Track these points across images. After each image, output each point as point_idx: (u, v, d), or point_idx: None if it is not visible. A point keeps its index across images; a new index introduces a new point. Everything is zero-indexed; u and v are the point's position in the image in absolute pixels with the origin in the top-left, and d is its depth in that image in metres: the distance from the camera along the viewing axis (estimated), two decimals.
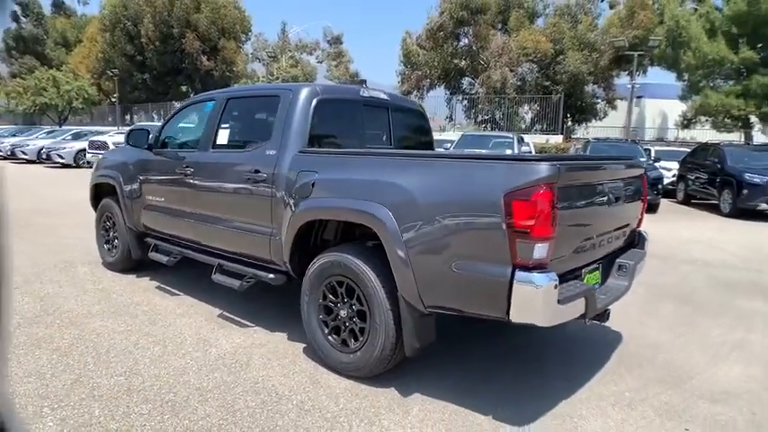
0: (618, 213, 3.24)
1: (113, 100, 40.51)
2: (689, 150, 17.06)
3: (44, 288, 4.74)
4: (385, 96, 4.25)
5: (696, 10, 25.82)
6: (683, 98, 26.16)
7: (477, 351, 3.65)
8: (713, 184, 11.81)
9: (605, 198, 3.00)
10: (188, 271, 5.07)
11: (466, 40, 26.72)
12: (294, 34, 32.79)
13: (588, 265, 3.00)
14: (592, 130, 27.21)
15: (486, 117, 27.84)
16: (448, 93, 28.28)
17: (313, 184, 3.24)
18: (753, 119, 24.04)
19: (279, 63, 30.70)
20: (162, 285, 4.90)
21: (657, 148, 17.21)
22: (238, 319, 4.09)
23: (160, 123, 5.08)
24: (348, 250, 3.12)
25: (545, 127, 25.78)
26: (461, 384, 3.11)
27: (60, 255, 5.97)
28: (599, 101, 26.86)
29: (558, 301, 2.46)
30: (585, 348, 3.78)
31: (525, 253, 2.41)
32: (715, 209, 11.67)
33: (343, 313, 3.16)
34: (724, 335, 4.11)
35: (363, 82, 4.29)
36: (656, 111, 38.50)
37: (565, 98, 23.85)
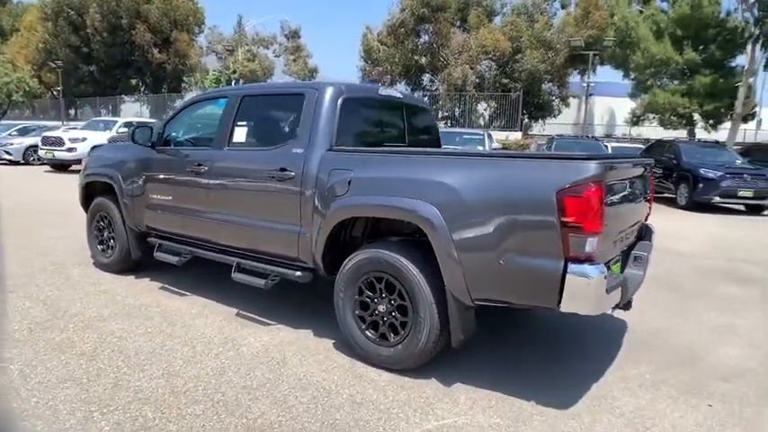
0: (637, 208, 3.46)
1: (56, 93, 38.49)
2: (640, 147, 18.00)
3: (42, 291, 4.55)
4: (399, 95, 4.33)
5: (642, 12, 27.15)
6: (632, 96, 27.49)
7: (499, 341, 3.80)
8: (669, 178, 12.54)
9: (630, 194, 3.20)
10: (188, 271, 4.98)
11: (426, 37, 27.02)
12: (251, 27, 32.19)
13: (615, 257, 3.20)
14: (548, 127, 28.15)
15: (447, 114, 28.31)
16: (409, 89, 28.51)
17: (349, 182, 3.28)
18: (696, 116, 25.57)
19: (235, 57, 30.01)
20: (166, 286, 4.79)
21: (613, 144, 18.04)
22: (258, 318, 4.07)
23: (163, 121, 4.93)
24: (388, 247, 3.20)
25: (503, 123, 26.49)
26: (496, 373, 3.25)
27: (46, 256, 5.71)
28: (554, 98, 27.80)
29: (606, 291, 2.64)
30: (598, 336, 4.01)
31: (577, 247, 2.56)
32: (672, 202, 12.39)
33: (381, 308, 3.23)
34: (715, 319, 4.45)
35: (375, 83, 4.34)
36: (605, 108, 40.16)
37: (523, 96, 24.57)
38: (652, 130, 28.58)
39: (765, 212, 12.02)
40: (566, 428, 2.67)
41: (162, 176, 4.56)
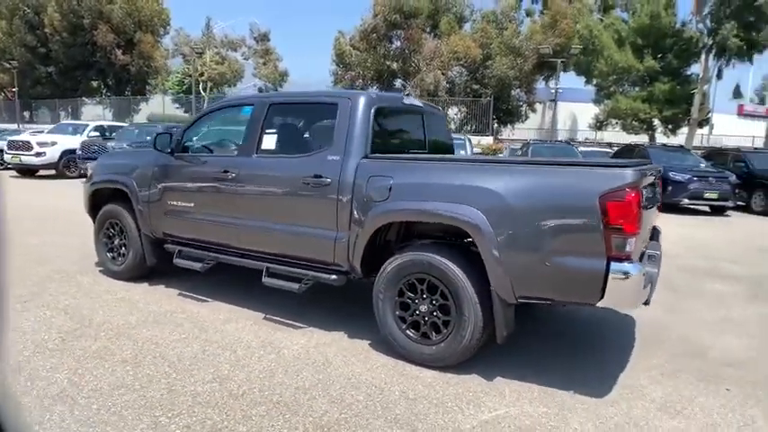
0: (653, 211, 3.74)
1: (11, 95, 36.93)
2: (609, 150, 18.78)
3: (58, 300, 4.49)
4: (420, 104, 4.50)
5: (602, 20, 28.29)
6: (596, 102, 28.54)
7: (522, 337, 4.01)
8: None
9: (651, 198, 3.47)
10: (202, 278, 5.00)
11: (398, 43, 27.35)
12: (219, 30, 31.75)
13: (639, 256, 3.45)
14: (517, 132, 28.93)
15: None
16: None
17: (390, 189, 3.43)
18: (656, 122, 26.80)
19: (203, 59, 29.56)
20: (184, 293, 4.80)
21: (582, 149, 18.73)
22: (288, 321, 4.15)
23: (183, 129, 4.94)
24: (431, 249, 3.35)
25: (474, 128, 27.05)
26: (530, 367, 3.44)
27: (47, 264, 5.61)
28: (522, 104, 28.59)
29: (642, 287, 2.87)
30: (610, 331, 4.28)
31: (618, 247, 2.79)
32: None
33: (423, 308, 3.38)
34: (711, 314, 4.79)
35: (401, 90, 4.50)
36: (567, 113, 41.52)
37: (493, 101, 25.18)
38: (614, 135, 29.78)
39: (728, 213, 12.78)
40: (607, 414, 2.89)
41: (183, 183, 4.58)
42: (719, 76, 25.82)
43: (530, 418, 2.82)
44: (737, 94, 40.69)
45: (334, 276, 3.81)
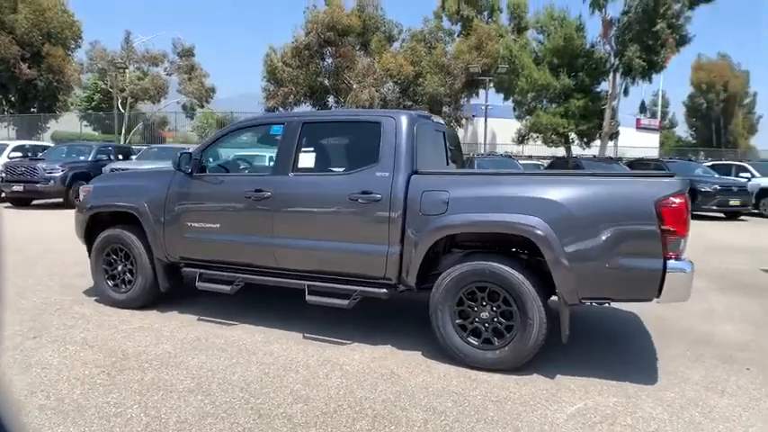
0: None
1: None
2: (541, 163, 20.10)
3: (73, 334, 4.18)
4: (443, 122, 4.73)
5: (516, 41, 30.32)
6: (518, 117, 30.38)
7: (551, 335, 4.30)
8: None
9: None
10: (210, 300, 4.91)
11: (330, 60, 27.57)
12: (140, 44, 30.19)
13: None
14: None
15: None
16: (315, 110, 28.81)
17: (447, 202, 3.59)
18: (572, 135, 28.99)
19: (124, 75, 27.96)
20: (204, 318, 4.63)
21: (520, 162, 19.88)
22: (329, 339, 4.15)
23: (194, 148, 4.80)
24: (492, 258, 3.55)
25: None
26: (575, 363, 3.71)
27: (31, 296, 5.18)
28: (452, 120, 29.77)
29: (692, 282, 3.25)
30: (622, 326, 4.68)
31: (673, 247, 3.15)
32: None
33: (484, 315, 3.56)
34: (697, 306, 5.33)
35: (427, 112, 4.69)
36: (488, 128, 43.67)
37: None
38: (534, 148, 31.83)
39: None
40: (669, 398, 3.21)
41: (205, 204, 4.46)
42: (626, 93, 28.51)
43: (608, 408, 3.08)
44: (643, 109, 44.96)
45: (384, 290, 3.89)
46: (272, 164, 4.48)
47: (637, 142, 38.70)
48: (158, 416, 2.91)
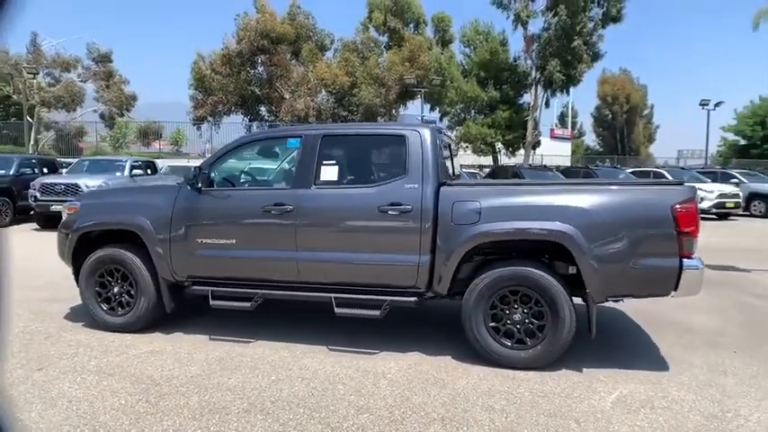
0: None
1: None
2: (478, 171, 20.97)
3: (82, 362, 3.91)
4: (448, 134, 4.93)
5: (442, 53, 31.48)
6: (449, 128, 31.40)
7: None
8: None
9: None
10: (210, 318, 4.83)
11: (263, 68, 27.09)
12: (50, 48, 27.90)
13: None
14: None
15: None
16: (246, 119, 28.13)
17: (479, 212, 3.79)
18: (499, 145, 30.46)
19: (32, 81, 25.68)
20: (215, 337, 4.48)
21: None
22: (356, 350, 4.18)
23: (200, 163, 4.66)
24: (524, 263, 3.78)
25: None
26: (592, 356, 4.02)
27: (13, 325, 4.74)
28: None
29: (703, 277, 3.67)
30: (612, 320, 5.10)
31: (688, 248, 3.54)
32: None
33: (516, 317, 3.78)
34: (671, 300, 5.90)
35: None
36: None
37: None
38: (464, 158, 33.07)
39: None
40: (686, 381, 3.59)
41: (219, 219, 4.35)
42: (547, 104, 30.44)
43: (642, 394, 3.40)
44: (563, 120, 47.98)
45: (414, 299, 4.01)
46: (271, 176, 4.44)
47: (552, 151, 41.26)
48: None
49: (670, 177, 17.17)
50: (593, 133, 58.80)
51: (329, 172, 4.20)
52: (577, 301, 3.81)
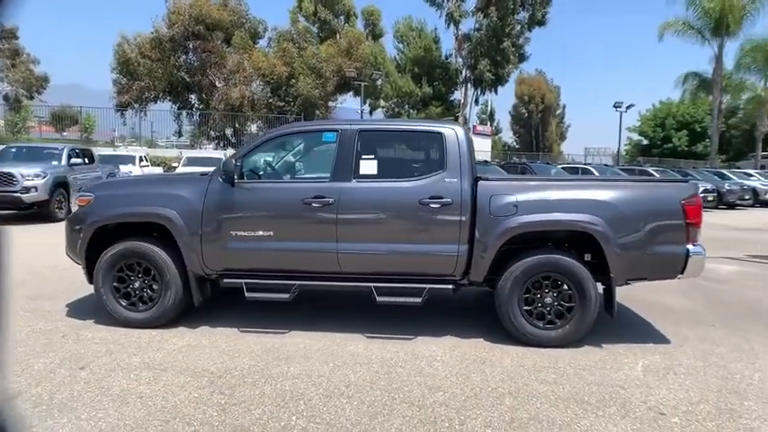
0: None
1: None
2: None
3: (122, 359, 3.81)
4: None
5: (370, 47, 31.92)
6: None
7: None
8: None
9: None
10: (231, 310, 4.90)
11: (194, 55, 25.94)
12: None
13: None
14: None
15: (218, 134, 27.68)
16: (175, 107, 26.83)
17: (516, 205, 4.14)
18: None
19: None
20: (246, 329, 4.49)
21: None
22: (394, 336, 4.38)
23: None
24: (555, 252, 4.18)
25: None
26: (601, 334, 4.52)
27: (14, 324, 4.45)
28: None
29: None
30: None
31: (694, 236, 4.11)
32: None
33: (547, 300, 4.19)
34: (652, 283, 6.61)
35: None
36: None
37: (301, 119, 26.05)
38: None
39: None
40: (689, 352, 4.17)
41: (256, 212, 4.36)
42: (477, 102, 31.83)
43: (661, 363, 3.92)
44: (491, 117, 49.97)
45: (451, 286, 4.29)
46: (303, 170, 4.53)
47: (475, 147, 43.16)
48: (329, 421, 2.97)
49: (596, 173, 18.72)
50: (510, 131, 62.07)
51: (368, 166, 4.35)
52: None
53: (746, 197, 19.99)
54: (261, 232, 4.34)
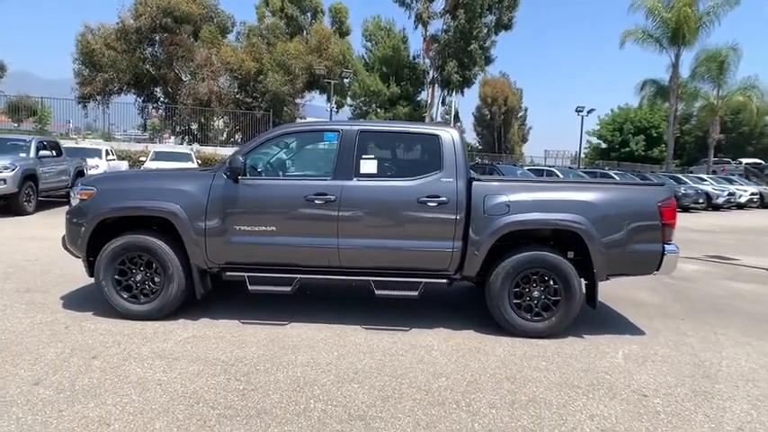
0: None
1: None
2: None
3: (132, 350, 3.88)
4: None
5: (337, 44, 32.00)
6: (353, 120, 32.02)
7: None
8: None
9: None
10: (227, 303, 5.04)
11: (160, 48, 25.36)
12: None
13: None
14: None
15: (183, 128, 27.17)
16: (140, 101, 26.16)
17: (508, 205, 4.43)
18: None
19: None
20: (246, 321, 4.62)
21: None
22: (390, 327, 4.61)
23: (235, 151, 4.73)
24: (542, 248, 4.49)
25: (244, 140, 27.17)
26: (580, 326, 4.89)
27: (12, 317, 4.44)
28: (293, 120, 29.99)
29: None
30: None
31: (668, 236, 4.50)
32: None
33: (535, 294, 4.50)
34: (624, 280, 7.08)
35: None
36: None
37: (269, 115, 25.86)
38: None
39: None
40: (663, 342, 4.57)
41: (260, 208, 4.49)
42: (443, 102, 32.33)
43: (639, 352, 4.29)
44: (457, 118, 50.61)
45: (445, 281, 4.55)
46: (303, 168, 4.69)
47: None
48: (345, 404, 3.17)
49: (560, 176, 19.44)
50: (473, 131, 63.12)
51: (368, 165, 4.55)
52: None
53: (700, 201, 21.11)
54: (264, 227, 4.48)
